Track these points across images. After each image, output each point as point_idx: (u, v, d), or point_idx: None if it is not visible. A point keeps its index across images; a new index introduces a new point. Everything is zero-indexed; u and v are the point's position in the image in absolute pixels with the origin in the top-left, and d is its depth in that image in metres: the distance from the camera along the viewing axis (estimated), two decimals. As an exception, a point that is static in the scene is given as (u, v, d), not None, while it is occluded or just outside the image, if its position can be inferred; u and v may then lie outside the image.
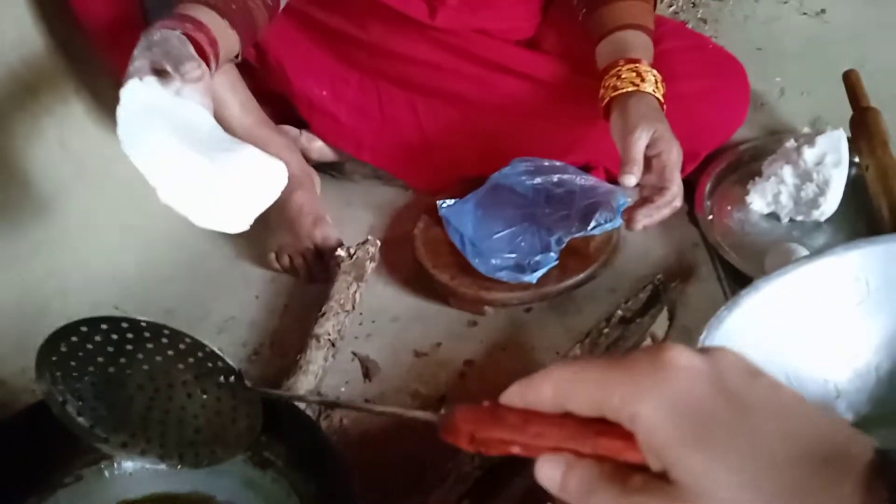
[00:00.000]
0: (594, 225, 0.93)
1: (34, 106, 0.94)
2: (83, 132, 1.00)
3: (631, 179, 0.83)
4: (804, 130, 0.98)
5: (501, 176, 1.00)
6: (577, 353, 0.80)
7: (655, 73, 0.88)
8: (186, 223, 1.08)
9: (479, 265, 0.91)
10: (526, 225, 0.97)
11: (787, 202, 0.94)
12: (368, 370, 0.88)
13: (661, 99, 0.88)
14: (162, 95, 0.72)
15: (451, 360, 0.88)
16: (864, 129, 0.96)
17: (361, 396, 0.85)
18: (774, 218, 0.95)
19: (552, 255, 0.91)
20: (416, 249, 0.97)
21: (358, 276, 0.94)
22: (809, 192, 0.92)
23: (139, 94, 0.71)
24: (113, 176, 1.04)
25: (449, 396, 0.84)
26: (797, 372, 0.70)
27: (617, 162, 0.86)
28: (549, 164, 1.00)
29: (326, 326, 0.87)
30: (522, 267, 0.91)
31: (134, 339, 0.52)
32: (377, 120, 1.07)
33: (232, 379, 0.51)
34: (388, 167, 1.10)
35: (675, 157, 0.84)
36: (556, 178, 0.99)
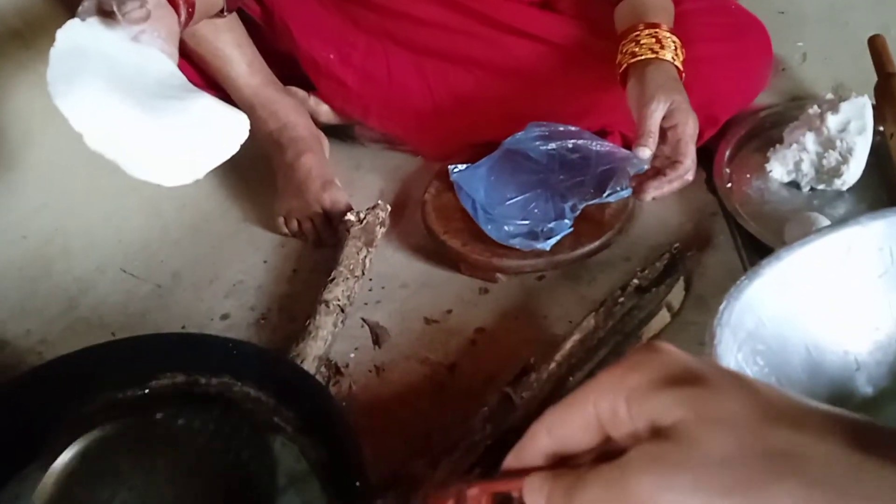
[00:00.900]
0: (609, 192, 0.91)
1: (36, 64, 0.92)
2: (87, 91, 0.98)
3: (645, 152, 0.81)
4: (827, 97, 0.95)
5: (515, 141, 0.98)
6: (590, 322, 0.78)
7: (675, 38, 0.85)
8: (194, 184, 1.07)
9: (491, 232, 0.89)
10: (539, 191, 0.95)
11: (808, 170, 0.91)
12: (378, 337, 0.87)
13: (679, 67, 0.85)
14: (106, 39, 0.66)
15: (461, 327, 0.87)
16: (889, 95, 0.93)
17: (371, 363, 0.84)
18: (795, 186, 0.93)
19: (566, 222, 0.89)
20: (426, 215, 0.95)
21: (368, 241, 0.92)
22: (832, 160, 0.90)
23: (78, 35, 0.65)
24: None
25: (459, 364, 0.83)
26: (817, 343, 0.68)
27: (633, 127, 0.84)
28: (563, 129, 0.98)
29: (336, 292, 0.86)
30: (535, 234, 0.89)
31: None
32: (385, 85, 1.05)
33: None
34: (396, 133, 1.08)
35: (690, 129, 0.82)
36: (570, 143, 0.97)
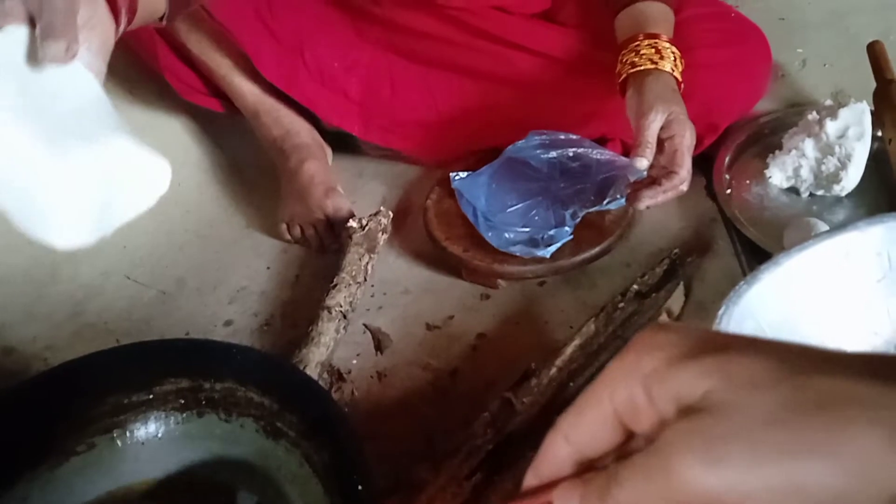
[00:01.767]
0: (609, 199, 0.91)
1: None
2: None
3: (642, 162, 0.83)
4: (826, 103, 0.96)
5: (516, 149, 0.98)
6: (591, 327, 0.79)
7: (675, 49, 0.86)
8: (198, 191, 1.08)
9: (492, 239, 0.90)
10: (540, 199, 0.95)
11: (807, 176, 0.92)
12: (380, 342, 0.88)
13: (678, 78, 0.86)
14: (22, 52, 0.53)
15: (463, 333, 0.87)
16: (887, 101, 0.94)
17: (373, 369, 0.85)
18: (794, 192, 0.94)
19: (566, 229, 0.89)
20: (428, 221, 0.96)
21: (370, 247, 0.93)
22: (831, 165, 0.90)
23: None
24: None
25: (461, 369, 0.84)
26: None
27: (633, 135, 0.85)
28: (564, 137, 0.98)
29: (338, 298, 0.86)
30: (536, 241, 0.90)
31: None
32: (388, 96, 1.05)
33: None
34: (397, 146, 1.09)
35: (687, 140, 0.83)
36: (571, 151, 0.98)
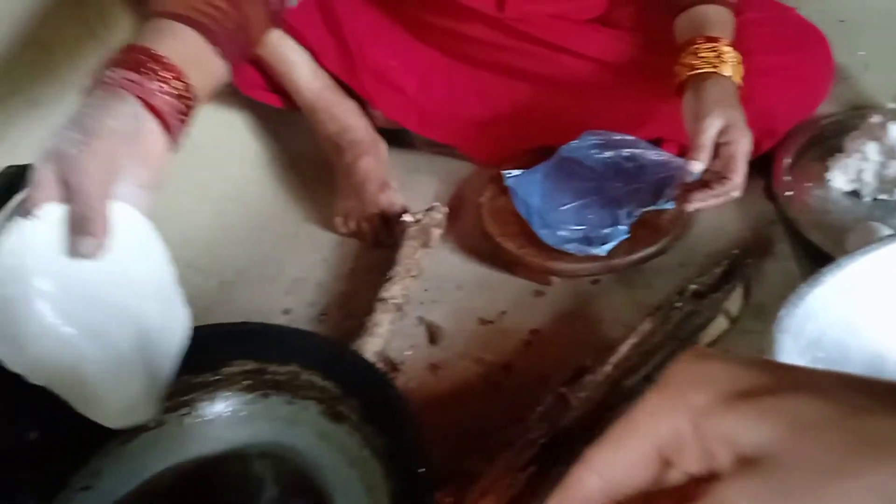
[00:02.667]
0: (666, 198, 0.91)
1: (100, 53, 0.96)
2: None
3: (698, 166, 0.82)
4: (889, 106, 0.94)
5: (570, 149, 0.99)
6: (647, 325, 0.78)
7: (736, 53, 0.85)
8: (258, 185, 1.10)
9: (546, 237, 0.90)
10: (595, 198, 0.96)
11: (870, 180, 0.90)
12: (434, 335, 0.89)
13: (738, 83, 0.85)
14: (61, 232, 0.52)
15: (516, 328, 0.88)
16: (954, 105, 0.92)
17: (426, 360, 0.86)
18: (856, 196, 0.92)
19: (622, 228, 0.89)
20: (482, 218, 0.97)
21: (424, 242, 0.94)
22: (894, 169, 0.89)
23: (28, 237, 0.51)
24: (186, 138, 1.06)
25: (513, 364, 0.84)
26: (879, 352, 0.68)
27: (689, 137, 0.84)
28: (619, 137, 0.98)
29: (393, 290, 0.88)
30: (591, 239, 0.90)
31: None
32: (444, 96, 1.07)
33: None
34: (452, 143, 1.10)
35: (744, 147, 0.82)
36: (626, 152, 0.98)
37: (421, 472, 0.52)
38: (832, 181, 0.93)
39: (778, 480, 0.24)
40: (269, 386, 0.64)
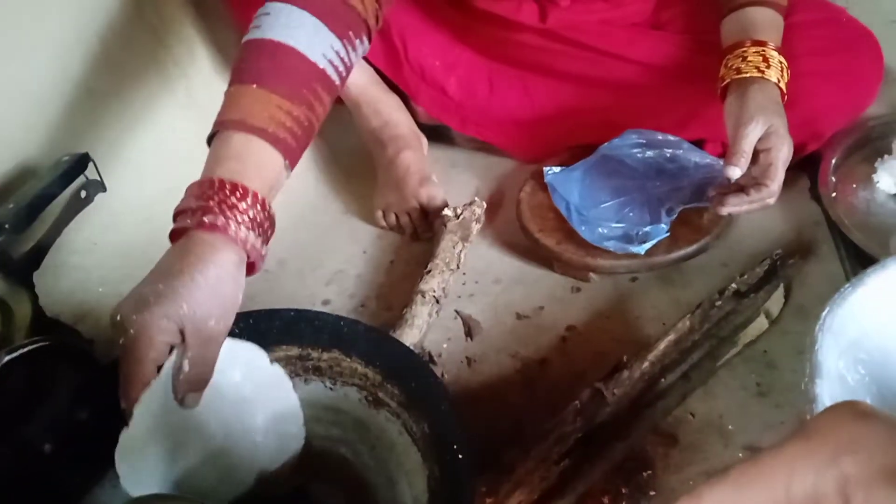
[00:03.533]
0: (707, 199, 0.91)
1: (165, 57, 0.99)
2: (208, 84, 1.04)
3: (735, 171, 0.81)
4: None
5: (611, 147, 0.98)
6: (686, 323, 0.78)
7: (782, 59, 0.84)
8: (300, 178, 1.12)
9: (585, 233, 0.90)
10: (635, 196, 0.95)
11: (916, 182, 0.89)
12: (470, 329, 0.90)
13: (783, 89, 0.84)
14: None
15: (553, 324, 0.88)
16: None
17: (463, 354, 0.87)
18: (902, 198, 0.91)
19: (663, 226, 0.89)
20: (521, 213, 0.97)
21: (463, 236, 0.95)
22: (941, 173, 0.87)
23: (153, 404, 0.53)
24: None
25: (549, 359, 0.85)
26: (922, 356, 0.67)
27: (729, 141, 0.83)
28: (661, 137, 0.98)
29: (432, 283, 0.89)
30: (630, 237, 0.90)
31: None
32: (485, 96, 1.07)
33: None
34: (493, 141, 1.10)
35: (784, 155, 0.81)
36: (668, 152, 0.97)
37: (459, 457, 0.53)
38: (878, 183, 0.91)
39: None
40: (311, 371, 0.65)
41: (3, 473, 0.57)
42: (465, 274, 0.95)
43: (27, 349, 0.60)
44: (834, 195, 0.91)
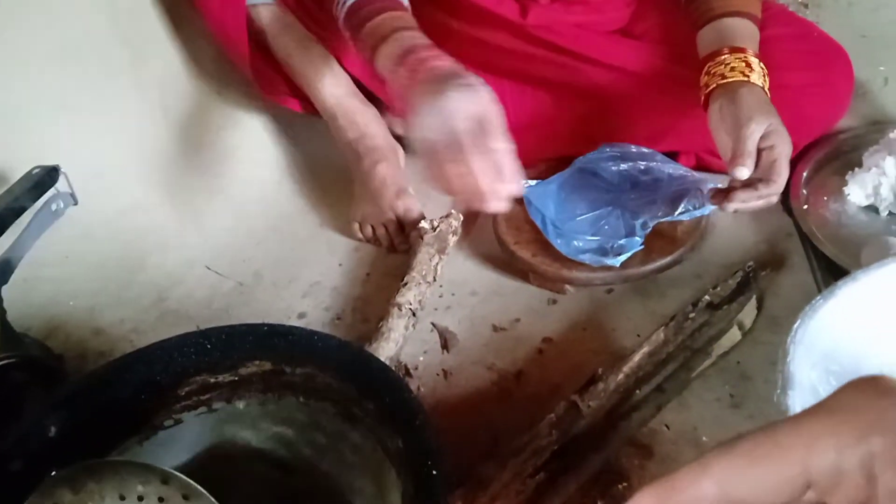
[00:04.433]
0: (682, 210, 0.92)
1: (142, 71, 0.98)
2: (183, 98, 1.04)
3: (744, 172, 0.80)
4: (909, 122, 0.94)
5: (586, 161, 0.99)
6: (660, 335, 0.79)
7: (762, 64, 0.85)
8: (276, 189, 1.12)
9: (560, 246, 0.91)
10: (610, 209, 0.96)
11: (887, 195, 0.90)
12: (447, 341, 0.89)
13: (767, 93, 0.85)
14: None
15: (529, 336, 0.88)
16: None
17: (439, 366, 0.87)
18: (873, 210, 0.92)
19: (637, 239, 0.90)
20: (497, 225, 0.98)
21: (440, 248, 0.95)
22: (912, 185, 0.89)
23: None
24: (209, 141, 1.08)
25: (526, 371, 0.85)
26: (893, 366, 0.67)
27: (708, 149, 0.83)
28: (636, 150, 0.99)
29: (408, 296, 0.88)
30: (605, 250, 0.90)
31: None
32: None
33: None
34: None
35: (787, 150, 0.81)
36: (642, 165, 0.98)
37: (434, 474, 0.53)
38: (849, 195, 0.93)
39: None
40: (285, 387, 0.65)
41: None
42: (441, 286, 0.95)
43: (-7, 366, 0.59)
44: (805, 207, 0.92)
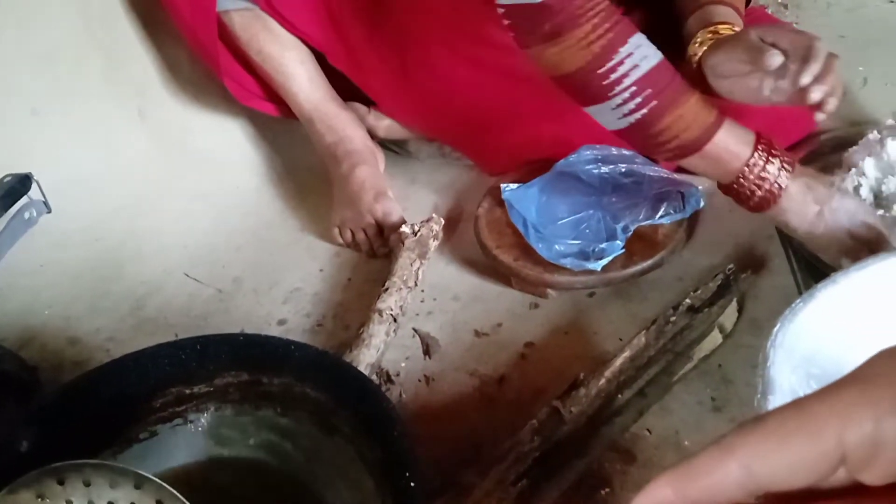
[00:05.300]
0: (663, 214, 0.92)
1: (118, 76, 0.97)
2: (160, 103, 1.03)
3: (777, 59, 0.75)
4: (888, 122, 0.94)
5: (567, 164, 0.99)
6: (642, 339, 0.78)
7: None
8: (255, 194, 1.11)
9: (542, 250, 0.90)
10: (591, 212, 0.96)
11: (867, 195, 0.90)
12: (429, 347, 0.89)
13: None
14: None
15: (511, 341, 0.88)
16: (952, 122, 0.92)
17: (421, 372, 0.86)
18: (853, 212, 0.92)
19: (618, 243, 0.89)
20: (479, 230, 0.97)
21: (421, 253, 0.94)
22: (891, 185, 0.88)
23: None
24: (186, 146, 1.07)
25: (508, 377, 0.84)
26: (874, 370, 0.67)
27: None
28: (617, 152, 0.99)
29: (389, 302, 0.88)
30: (586, 254, 0.90)
31: None
32: (446, 95, 1.07)
33: None
34: (455, 146, 1.10)
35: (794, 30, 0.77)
36: (623, 167, 0.98)
37: (412, 485, 0.52)
38: (829, 197, 0.92)
39: None
40: (262, 397, 0.64)
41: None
42: (423, 291, 0.95)
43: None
44: (786, 209, 0.92)
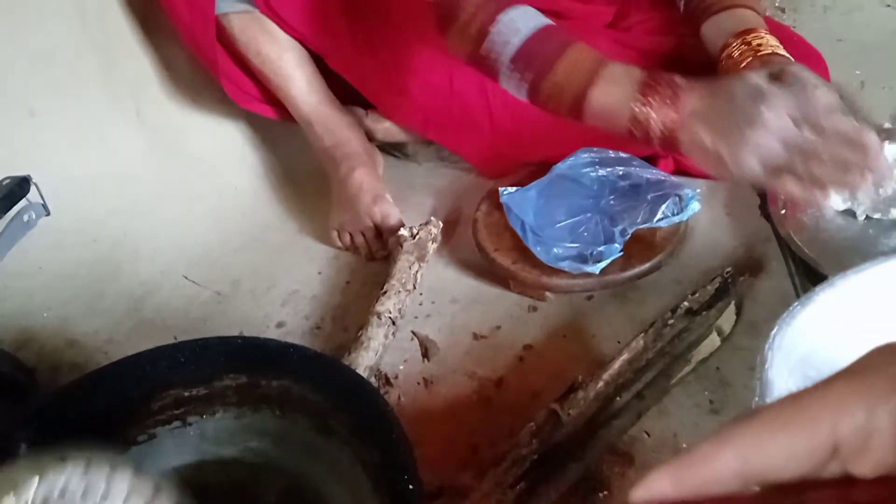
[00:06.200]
0: (661, 217, 0.91)
1: (114, 76, 0.97)
2: (158, 105, 1.03)
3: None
4: (885, 125, 0.94)
5: (565, 167, 0.99)
6: (640, 342, 0.78)
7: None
8: (254, 196, 1.11)
9: (540, 254, 0.90)
10: (589, 215, 0.96)
11: (864, 199, 0.90)
12: (427, 350, 0.89)
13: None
14: None
15: (509, 343, 0.88)
16: (949, 126, 0.92)
17: (419, 375, 0.86)
18: (850, 215, 0.92)
19: (616, 246, 0.89)
20: (477, 233, 0.97)
21: (420, 256, 0.94)
22: (888, 189, 0.89)
23: None
24: (184, 148, 1.07)
25: (506, 379, 0.84)
26: (871, 373, 0.68)
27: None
28: (614, 155, 0.99)
29: (388, 304, 0.88)
30: (584, 257, 0.90)
31: None
32: (446, 96, 1.07)
33: None
34: (453, 147, 1.10)
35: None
36: (621, 170, 0.98)
37: (410, 488, 0.52)
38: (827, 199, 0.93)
39: None
40: (260, 400, 0.64)
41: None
42: (421, 294, 0.95)
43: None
44: (783, 212, 0.92)
